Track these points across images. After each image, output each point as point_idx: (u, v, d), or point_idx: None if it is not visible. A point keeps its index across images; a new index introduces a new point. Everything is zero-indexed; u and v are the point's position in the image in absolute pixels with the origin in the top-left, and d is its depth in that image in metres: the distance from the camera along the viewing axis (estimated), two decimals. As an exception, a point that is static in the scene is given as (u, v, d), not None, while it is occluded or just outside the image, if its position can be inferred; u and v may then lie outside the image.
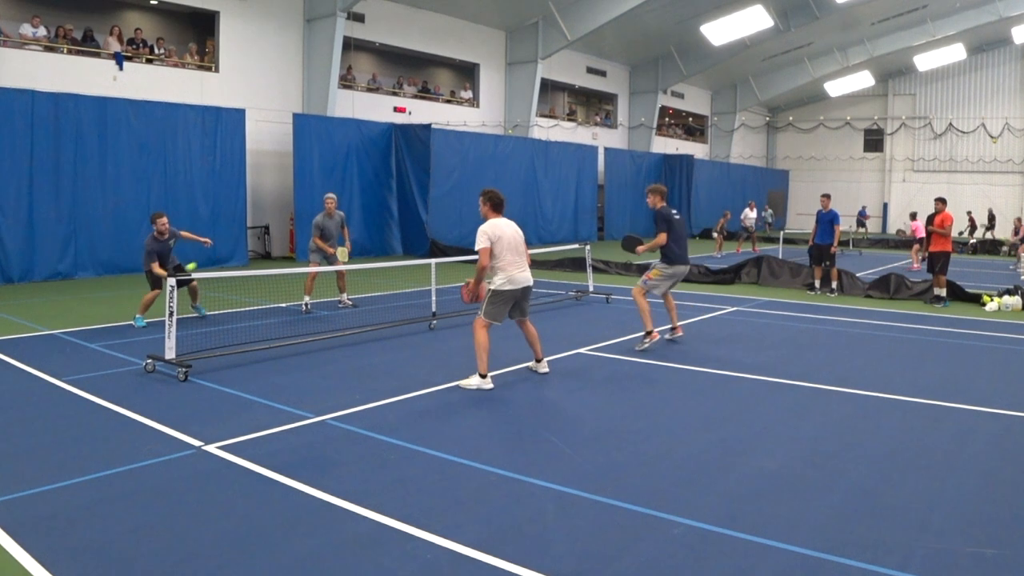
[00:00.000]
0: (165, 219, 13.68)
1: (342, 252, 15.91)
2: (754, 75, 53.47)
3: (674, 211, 12.71)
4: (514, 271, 9.91)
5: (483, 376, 9.79)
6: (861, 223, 48.44)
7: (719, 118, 55.75)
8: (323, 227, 15.76)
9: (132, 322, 13.78)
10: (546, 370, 10.55)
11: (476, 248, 9.87)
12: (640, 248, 12.97)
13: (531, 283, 10.17)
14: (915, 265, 28.46)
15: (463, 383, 9.85)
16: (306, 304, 15.59)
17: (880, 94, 57.70)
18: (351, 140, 27.75)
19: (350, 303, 16.37)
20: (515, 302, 10.12)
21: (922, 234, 28.04)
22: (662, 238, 12.45)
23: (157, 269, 13.34)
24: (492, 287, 9.96)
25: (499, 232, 9.87)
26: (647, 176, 44.28)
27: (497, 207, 10.10)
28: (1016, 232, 36.98)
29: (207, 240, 14.61)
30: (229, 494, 6.23)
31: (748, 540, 5.46)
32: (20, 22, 22.13)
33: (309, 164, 26.23)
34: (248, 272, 15.89)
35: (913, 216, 31.31)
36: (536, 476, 6.63)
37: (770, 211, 51.25)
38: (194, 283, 14.31)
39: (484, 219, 10.10)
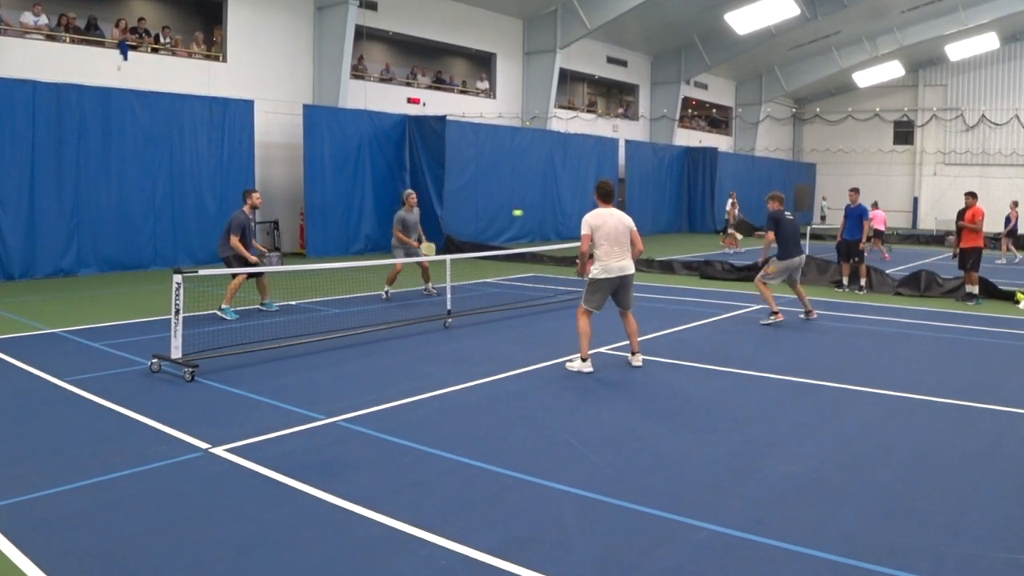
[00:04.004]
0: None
1: (428, 247, 16.91)
2: (780, 65, 53.28)
3: (787, 212, 14.93)
4: (609, 260, 10.55)
5: (584, 360, 10.60)
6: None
7: (744, 109, 55.60)
8: (405, 221, 16.67)
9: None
10: (639, 364, 11.02)
11: (580, 235, 10.69)
12: (759, 259, 15.34)
13: (629, 272, 10.77)
14: (885, 256, 29.72)
15: (568, 365, 10.77)
16: (386, 292, 16.81)
17: (910, 85, 57.40)
18: (363, 132, 27.80)
19: (435, 291, 17.24)
20: (614, 290, 10.74)
21: (880, 226, 29.11)
22: (771, 236, 14.74)
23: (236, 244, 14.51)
24: (590, 276, 10.63)
25: (600, 221, 10.58)
26: (669, 169, 44.22)
27: (604, 197, 10.80)
28: None
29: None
30: (237, 498, 6.24)
31: (773, 546, 5.45)
32: (21, 10, 22.20)
33: (320, 157, 26.32)
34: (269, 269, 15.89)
35: (874, 205, 29.92)
36: (554, 479, 6.62)
37: (825, 202, 50.85)
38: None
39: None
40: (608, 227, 10.50)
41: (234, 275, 14.15)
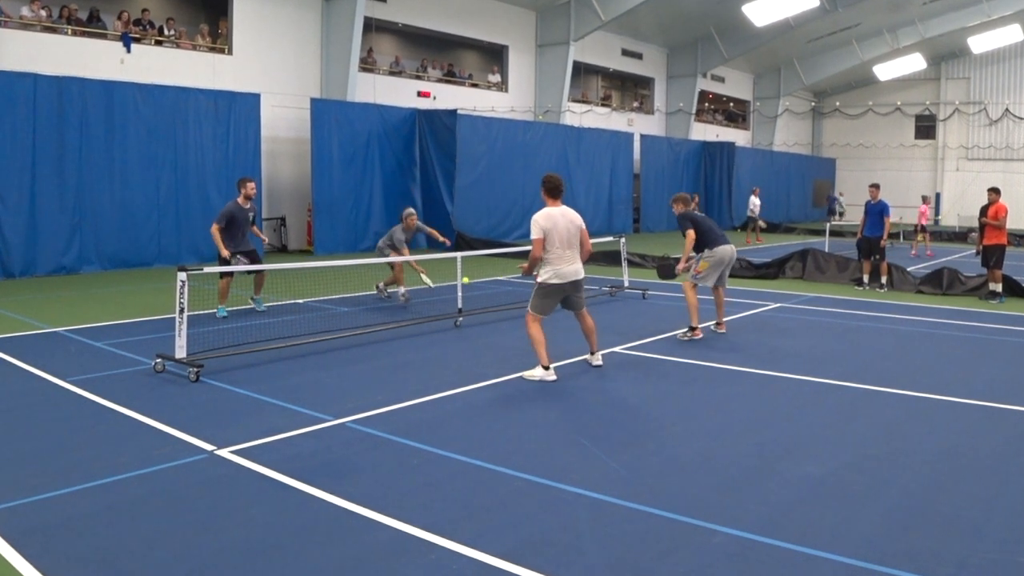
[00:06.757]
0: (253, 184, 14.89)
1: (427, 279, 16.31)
2: (799, 58, 53.13)
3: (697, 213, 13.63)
4: (561, 265, 10.21)
5: (546, 368, 10.12)
6: (832, 211, 48.36)
7: (762, 103, 55.49)
8: (402, 243, 16.29)
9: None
10: (599, 363, 10.92)
11: (531, 238, 10.20)
12: (680, 267, 13.55)
13: (580, 276, 10.45)
14: (913, 252, 30.50)
15: (527, 374, 10.27)
16: (404, 294, 16.31)
17: (932, 78, 57.15)
18: (372, 126, 27.81)
19: (408, 297, 16.90)
20: (565, 296, 10.45)
21: (927, 220, 30.32)
22: (691, 235, 13.09)
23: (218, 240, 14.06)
24: (539, 280, 10.29)
25: (551, 223, 10.17)
26: (686, 164, 44.15)
27: (552, 193, 10.37)
28: None
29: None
30: (242, 501, 6.25)
31: (792, 549, 5.43)
32: (21, 2, 22.26)
33: (328, 152, 26.34)
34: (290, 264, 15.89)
35: (924, 200, 32.23)
36: (567, 482, 6.61)
37: (842, 197, 50.88)
38: (262, 275, 15.16)
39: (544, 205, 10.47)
40: (560, 229, 10.13)
41: (220, 275, 14.13)
